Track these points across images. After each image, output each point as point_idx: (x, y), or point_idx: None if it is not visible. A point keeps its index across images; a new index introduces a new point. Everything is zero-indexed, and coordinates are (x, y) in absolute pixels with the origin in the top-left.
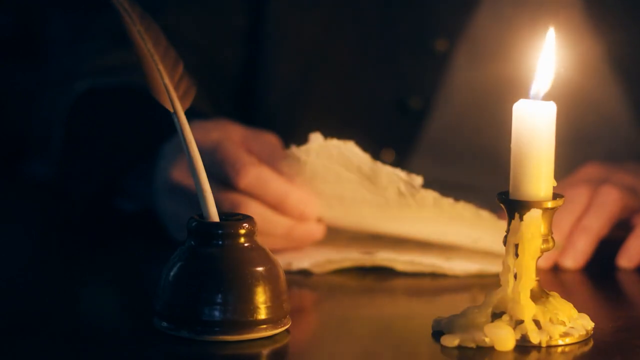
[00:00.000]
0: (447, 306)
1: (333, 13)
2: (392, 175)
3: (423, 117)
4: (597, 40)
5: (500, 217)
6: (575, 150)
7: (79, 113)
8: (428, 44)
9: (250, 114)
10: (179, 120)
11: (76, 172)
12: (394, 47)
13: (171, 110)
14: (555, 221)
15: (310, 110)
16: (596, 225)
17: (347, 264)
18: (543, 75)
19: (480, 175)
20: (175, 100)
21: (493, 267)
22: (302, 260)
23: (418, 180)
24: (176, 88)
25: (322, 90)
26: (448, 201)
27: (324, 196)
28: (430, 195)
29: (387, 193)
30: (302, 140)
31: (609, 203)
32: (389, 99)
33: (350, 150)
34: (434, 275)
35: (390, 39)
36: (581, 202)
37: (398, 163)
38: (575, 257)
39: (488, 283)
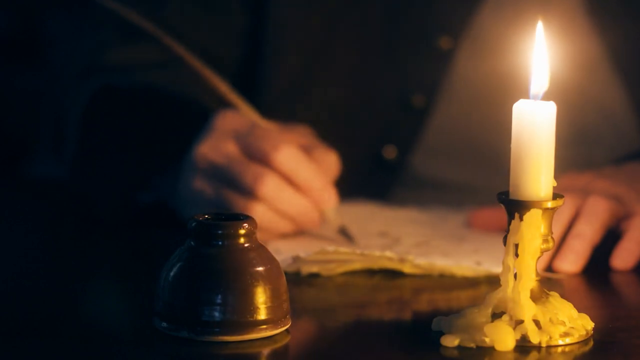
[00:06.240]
0: (450, 306)
1: (335, 10)
2: (384, 254)
3: (426, 114)
4: (598, 39)
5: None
6: (578, 150)
7: (94, 111)
8: (432, 41)
9: None
10: None
11: (95, 174)
12: (397, 44)
13: None
14: None
15: (311, 107)
16: (589, 232)
17: (356, 266)
18: (539, 73)
19: (483, 174)
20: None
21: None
22: (311, 265)
23: (410, 256)
24: None
25: (324, 88)
26: (444, 263)
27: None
28: (424, 260)
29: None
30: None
31: (599, 212)
32: (391, 96)
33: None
34: (442, 276)
35: (393, 36)
36: None
37: (400, 161)
38: (572, 261)
39: (492, 282)
